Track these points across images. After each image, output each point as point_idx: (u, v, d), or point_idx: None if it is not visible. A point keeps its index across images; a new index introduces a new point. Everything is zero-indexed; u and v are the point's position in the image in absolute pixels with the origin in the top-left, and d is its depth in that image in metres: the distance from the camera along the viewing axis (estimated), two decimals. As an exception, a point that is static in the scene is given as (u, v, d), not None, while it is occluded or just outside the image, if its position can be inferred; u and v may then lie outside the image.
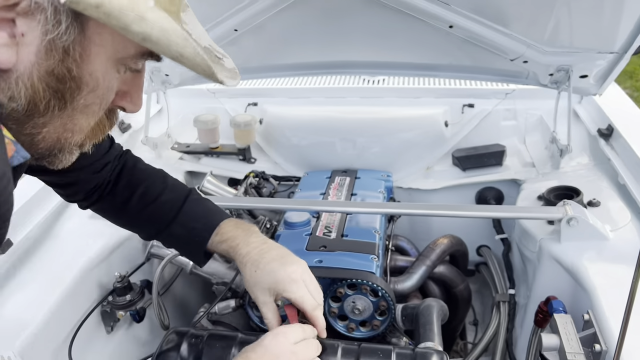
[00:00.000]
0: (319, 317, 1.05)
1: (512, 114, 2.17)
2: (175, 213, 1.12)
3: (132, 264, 1.69)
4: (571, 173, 1.83)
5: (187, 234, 1.12)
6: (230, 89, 2.40)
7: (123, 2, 0.55)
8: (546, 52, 1.74)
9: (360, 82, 2.33)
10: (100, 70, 0.64)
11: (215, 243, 1.10)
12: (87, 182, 1.10)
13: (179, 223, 1.12)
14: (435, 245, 1.79)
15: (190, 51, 0.61)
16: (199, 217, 1.13)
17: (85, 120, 0.69)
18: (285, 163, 2.20)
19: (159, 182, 1.16)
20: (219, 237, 1.10)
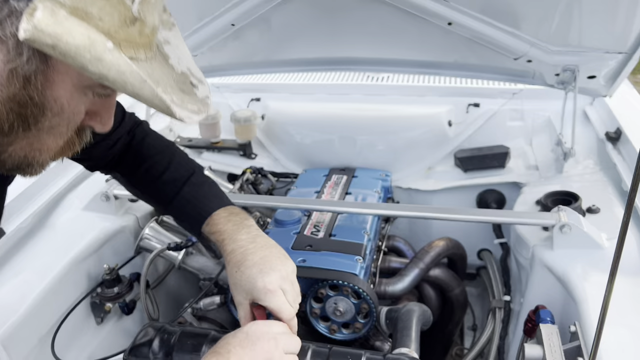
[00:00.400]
0: (294, 325, 1.04)
1: (519, 115, 2.10)
2: (173, 195, 1.13)
3: (123, 257, 1.71)
4: (575, 177, 1.76)
5: (182, 218, 1.15)
6: (234, 84, 2.40)
7: (80, 43, 0.54)
8: (551, 52, 1.67)
9: (364, 79, 2.29)
10: (65, 97, 0.65)
11: (206, 232, 1.10)
12: (102, 157, 1.14)
13: (176, 207, 1.13)
14: (430, 248, 1.75)
15: (147, 93, 0.62)
16: (195, 203, 1.13)
17: (52, 141, 0.70)
18: (285, 159, 2.19)
19: (164, 160, 1.17)
20: (209, 227, 1.09)
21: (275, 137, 2.20)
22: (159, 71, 0.71)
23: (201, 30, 1.86)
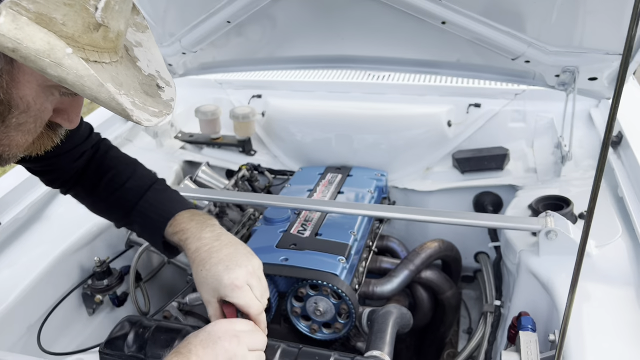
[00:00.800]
0: (262, 321, 1.04)
1: (521, 116, 2.06)
2: (136, 200, 1.14)
3: (115, 250, 1.74)
4: (573, 181, 1.72)
5: (144, 223, 1.14)
6: (236, 80, 2.41)
7: (40, 48, 0.57)
8: (549, 52, 1.64)
9: (364, 77, 2.27)
10: (31, 95, 0.68)
11: (169, 234, 1.10)
12: (65, 170, 1.16)
13: (138, 211, 1.14)
14: (421, 249, 1.74)
15: (104, 96, 0.64)
16: (158, 206, 1.14)
17: (21, 137, 0.72)
18: (284, 157, 2.19)
19: (128, 170, 1.19)
20: (172, 228, 1.10)
21: (275, 134, 2.20)
22: (124, 74, 0.73)
23: (199, 27, 1.87)
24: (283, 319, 1.48)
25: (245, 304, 1.01)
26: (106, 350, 1.17)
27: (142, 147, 2.21)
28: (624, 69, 0.69)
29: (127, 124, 2.22)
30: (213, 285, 1.01)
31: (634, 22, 0.63)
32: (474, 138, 2.06)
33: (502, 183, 1.86)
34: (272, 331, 1.50)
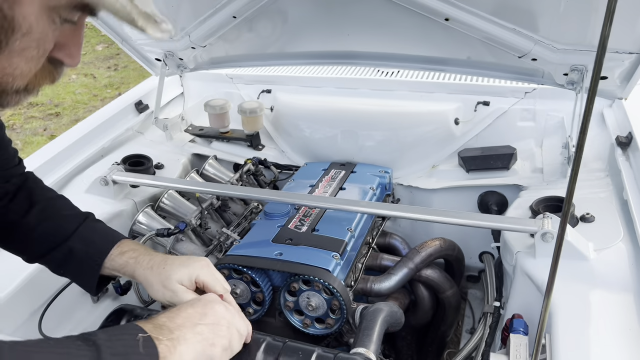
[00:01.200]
0: (231, 300, 1.09)
1: (531, 115, 2.02)
2: (78, 225, 1.15)
3: (120, 239, 1.78)
4: (579, 183, 1.67)
5: (85, 248, 1.13)
6: (246, 75, 2.43)
7: None
8: (557, 50, 1.60)
9: (372, 73, 2.26)
10: (33, 14, 0.67)
11: (114, 256, 1.12)
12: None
13: (79, 236, 1.14)
14: (421, 248, 1.73)
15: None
16: (104, 229, 1.19)
17: (25, 65, 0.71)
18: (291, 152, 2.20)
19: (64, 201, 1.22)
20: (121, 247, 1.13)
21: (282, 129, 2.21)
22: None
23: (206, 22, 1.89)
24: (278, 313, 1.49)
25: (213, 281, 1.07)
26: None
27: (152, 139, 2.25)
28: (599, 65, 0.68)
29: (139, 118, 2.26)
30: (179, 274, 1.06)
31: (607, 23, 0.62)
32: (482, 136, 2.03)
33: (507, 183, 1.83)
34: (267, 325, 1.52)
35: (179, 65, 2.23)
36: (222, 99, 2.22)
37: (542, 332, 0.84)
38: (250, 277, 1.41)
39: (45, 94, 6.84)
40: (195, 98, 2.50)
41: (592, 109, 0.69)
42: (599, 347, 1.10)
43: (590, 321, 1.17)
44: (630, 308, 1.18)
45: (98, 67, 7.24)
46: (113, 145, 2.10)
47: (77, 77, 7.23)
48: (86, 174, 1.90)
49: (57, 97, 6.32)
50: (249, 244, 1.51)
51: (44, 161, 1.82)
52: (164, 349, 0.84)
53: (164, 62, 2.17)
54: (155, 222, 1.72)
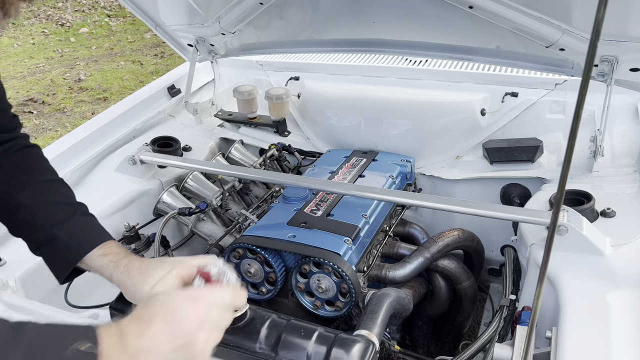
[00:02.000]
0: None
1: (561, 107, 1.96)
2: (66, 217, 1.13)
3: (146, 217, 1.85)
4: (606, 178, 1.63)
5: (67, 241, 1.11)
6: (276, 62, 2.46)
7: None
8: (586, 40, 1.55)
9: (400, 62, 2.25)
10: None
11: (95, 256, 1.10)
12: None
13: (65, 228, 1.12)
14: (438, 238, 1.72)
15: None
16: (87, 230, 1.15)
17: None
18: (316, 139, 2.22)
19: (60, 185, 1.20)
20: (102, 250, 1.11)
21: (308, 116, 2.23)
22: None
23: (235, 8, 1.93)
24: (290, 294, 1.53)
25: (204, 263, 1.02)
26: (116, 305, 1.26)
27: (183, 123, 2.32)
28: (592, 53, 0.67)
29: (171, 102, 2.33)
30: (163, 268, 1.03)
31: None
32: (509, 128, 2.00)
33: (531, 175, 1.79)
34: (280, 305, 1.56)
35: (210, 51, 2.28)
36: (250, 85, 2.26)
37: (533, 323, 0.83)
38: (263, 258, 1.45)
39: (94, 79, 7.13)
40: (227, 84, 2.55)
41: (585, 95, 0.68)
42: (606, 344, 1.08)
43: (600, 317, 1.15)
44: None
45: (145, 54, 7.47)
46: (145, 127, 2.18)
47: (125, 64, 7.49)
48: (117, 153, 1.98)
49: (105, 83, 6.58)
50: (265, 226, 1.55)
51: (77, 140, 1.92)
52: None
53: (196, 47, 2.23)
54: (178, 202, 1.78)
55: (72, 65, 8.15)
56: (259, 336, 1.12)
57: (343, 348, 1.06)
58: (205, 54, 2.29)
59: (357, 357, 1.05)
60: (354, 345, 1.07)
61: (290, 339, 1.10)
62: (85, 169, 1.90)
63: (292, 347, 1.09)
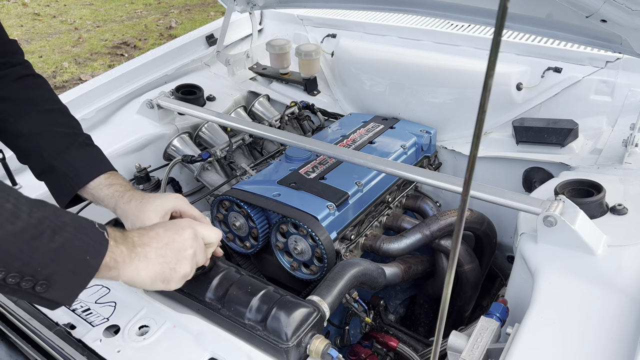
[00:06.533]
0: (207, 221, 1.13)
1: (610, 88, 1.74)
2: (64, 148, 1.16)
3: (162, 161, 1.91)
4: (634, 171, 1.44)
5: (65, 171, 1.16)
6: (315, 18, 2.39)
7: None
8: (631, 12, 1.35)
9: (439, 25, 2.09)
10: None
11: (102, 186, 1.15)
12: None
13: (62, 158, 1.16)
14: (441, 216, 1.63)
15: None
16: (86, 160, 1.18)
17: None
18: (343, 101, 2.16)
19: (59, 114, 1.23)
20: (108, 180, 1.16)
21: (338, 76, 2.16)
22: None
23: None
24: (269, 252, 1.53)
25: (189, 206, 1.14)
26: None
27: (216, 73, 2.34)
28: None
29: (208, 50, 2.36)
30: (155, 204, 1.10)
31: None
32: (546, 106, 1.82)
33: (554, 160, 1.63)
34: (265, 261, 1.57)
35: (249, 1, 2.25)
36: (283, 39, 2.22)
37: (443, 315, 0.76)
38: (246, 212, 1.45)
39: (183, 28, 7.39)
40: (269, 37, 2.52)
41: (496, 59, 0.58)
42: (568, 349, 0.98)
43: (571, 320, 1.04)
44: (623, 315, 1.02)
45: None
46: (178, 74, 2.22)
47: (215, 14, 7.68)
48: (145, 96, 2.04)
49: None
50: (255, 181, 1.55)
51: (109, 79, 2.00)
52: (119, 254, 0.85)
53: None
54: (187, 149, 1.82)
55: (166, 13, 8.49)
56: (209, 286, 1.13)
57: (284, 310, 1.04)
58: (244, 4, 2.27)
59: (296, 321, 1.03)
60: (297, 308, 1.05)
61: (236, 293, 1.10)
62: (111, 108, 1.98)
63: (236, 301, 1.09)
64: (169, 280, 0.95)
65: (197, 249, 1.00)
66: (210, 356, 1.02)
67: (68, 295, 0.78)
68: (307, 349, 1.02)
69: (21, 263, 0.71)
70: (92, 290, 1.18)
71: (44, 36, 7.44)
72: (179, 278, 0.96)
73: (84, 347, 1.06)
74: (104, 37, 7.37)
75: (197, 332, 1.07)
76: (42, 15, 8.39)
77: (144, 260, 0.90)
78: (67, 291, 0.78)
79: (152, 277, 0.91)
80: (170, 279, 0.95)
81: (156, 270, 0.92)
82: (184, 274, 0.96)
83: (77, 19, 8.16)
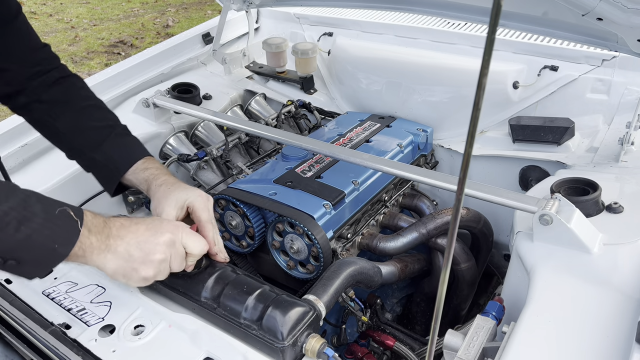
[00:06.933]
0: (209, 229, 1.15)
1: (606, 87, 1.74)
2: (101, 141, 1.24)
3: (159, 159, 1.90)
4: (634, 170, 1.45)
5: (105, 162, 1.24)
6: (311, 16, 2.38)
7: None
8: (627, 10, 1.35)
9: (435, 23, 2.09)
10: None
11: (138, 170, 1.22)
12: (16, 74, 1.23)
13: (101, 150, 1.23)
14: (438, 215, 1.63)
15: None
16: (123, 148, 1.26)
17: None
18: (340, 99, 2.15)
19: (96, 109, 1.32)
20: (144, 165, 1.23)
21: (335, 74, 2.16)
22: None
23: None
24: (266, 251, 1.52)
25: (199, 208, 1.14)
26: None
27: (213, 71, 2.33)
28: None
29: (204, 48, 2.35)
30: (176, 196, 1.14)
31: None
32: (543, 105, 1.82)
33: (551, 159, 1.63)
34: (262, 260, 1.57)
35: (245, 0, 2.25)
36: (280, 38, 2.21)
37: (438, 314, 0.76)
38: (242, 211, 1.45)
39: (180, 26, 7.36)
40: (266, 36, 2.52)
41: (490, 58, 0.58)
42: (564, 347, 0.98)
43: (567, 319, 1.04)
44: (619, 313, 1.02)
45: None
46: (174, 72, 2.22)
47: (212, 13, 7.66)
48: (140, 95, 2.03)
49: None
50: (252, 180, 1.54)
51: (105, 78, 1.99)
52: (89, 245, 0.90)
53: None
54: (183, 147, 1.81)
55: (163, 11, 8.47)
56: (205, 285, 1.13)
57: (279, 309, 1.04)
58: (240, 2, 2.26)
59: (292, 320, 1.03)
60: (292, 308, 1.05)
61: (231, 293, 1.10)
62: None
63: (232, 300, 1.09)
64: (129, 277, 0.98)
65: (171, 256, 1.01)
66: (205, 355, 1.02)
67: (39, 272, 0.87)
68: (303, 348, 1.02)
69: None
70: (87, 290, 1.18)
71: (40, 35, 7.33)
72: (138, 278, 0.98)
73: (79, 347, 1.05)
74: (100, 35, 7.35)
75: (193, 331, 1.07)
76: (38, 13, 8.36)
77: (112, 252, 0.94)
78: (37, 270, 0.87)
79: (113, 270, 0.95)
80: (130, 277, 0.98)
81: (119, 264, 0.95)
82: (144, 276, 0.98)
83: (73, 18, 8.13)
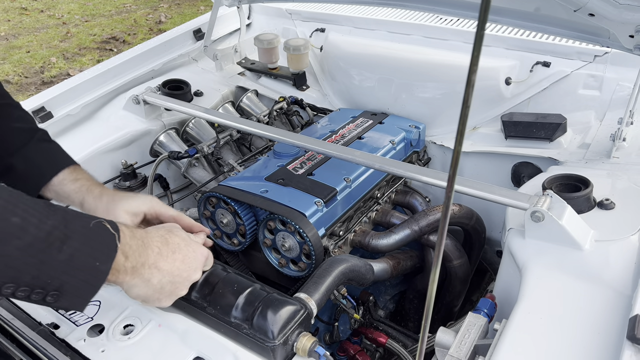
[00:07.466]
0: (184, 217, 1.12)
1: (598, 83, 1.74)
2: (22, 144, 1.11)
3: (148, 157, 1.89)
4: (625, 167, 1.45)
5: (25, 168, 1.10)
6: (304, 12, 2.37)
7: None
8: (619, 5, 1.34)
9: (428, 19, 2.08)
10: None
11: (67, 181, 1.10)
12: None
13: (22, 155, 1.10)
14: (430, 211, 1.62)
15: None
16: (47, 156, 1.13)
17: None
18: (332, 96, 2.14)
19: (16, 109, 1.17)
20: (73, 175, 1.11)
21: (327, 71, 2.15)
22: None
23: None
24: (257, 249, 1.52)
25: (168, 207, 1.11)
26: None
27: (204, 68, 2.31)
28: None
29: (195, 44, 2.33)
30: (127, 203, 1.07)
31: None
32: (535, 101, 1.81)
33: (543, 155, 1.62)
34: (254, 258, 1.56)
35: (236, -4, 2.23)
36: (271, 34, 2.20)
37: (428, 312, 0.76)
38: (233, 209, 1.44)
39: (173, 22, 7.31)
40: (258, 32, 2.50)
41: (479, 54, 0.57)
42: (555, 343, 0.98)
43: (558, 315, 1.04)
44: (610, 310, 1.02)
45: None
46: (165, 69, 2.19)
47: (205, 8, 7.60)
48: (131, 92, 2.01)
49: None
50: (243, 178, 1.53)
51: (94, 75, 1.97)
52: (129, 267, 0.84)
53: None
54: (174, 145, 1.80)
55: (155, 7, 8.41)
56: (195, 284, 1.12)
57: (270, 308, 1.03)
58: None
59: (283, 319, 1.02)
60: (283, 306, 1.04)
61: (222, 292, 1.09)
62: (97, 104, 1.95)
63: (222, 299, 1.08)
64: (148, 302, 0.96)
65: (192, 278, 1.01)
66: (195, 355, 1.01)
67: (80, 302, 0.77)
68: (294, 346, 1.01)
69: (30, 277, 0.70)
70: (76, 289, 1.17)
71: (31, 31, 7.34)
72: (156, 304, 0.98)
73: (67, 347, 1.04)
74: (92, 31, 7.29)
75: (183, 331, 1.06)
76: (29, 9, 8.28)
77: (144, 281, 0.90)
78: (78, 299, 0.77)
79: (137, 294, 0.92)
80: (149, 302, 0.96)
81: (147, 293, 0.93)
82: (163, 304, 0.98)
83: (65, 14, 8.06)
